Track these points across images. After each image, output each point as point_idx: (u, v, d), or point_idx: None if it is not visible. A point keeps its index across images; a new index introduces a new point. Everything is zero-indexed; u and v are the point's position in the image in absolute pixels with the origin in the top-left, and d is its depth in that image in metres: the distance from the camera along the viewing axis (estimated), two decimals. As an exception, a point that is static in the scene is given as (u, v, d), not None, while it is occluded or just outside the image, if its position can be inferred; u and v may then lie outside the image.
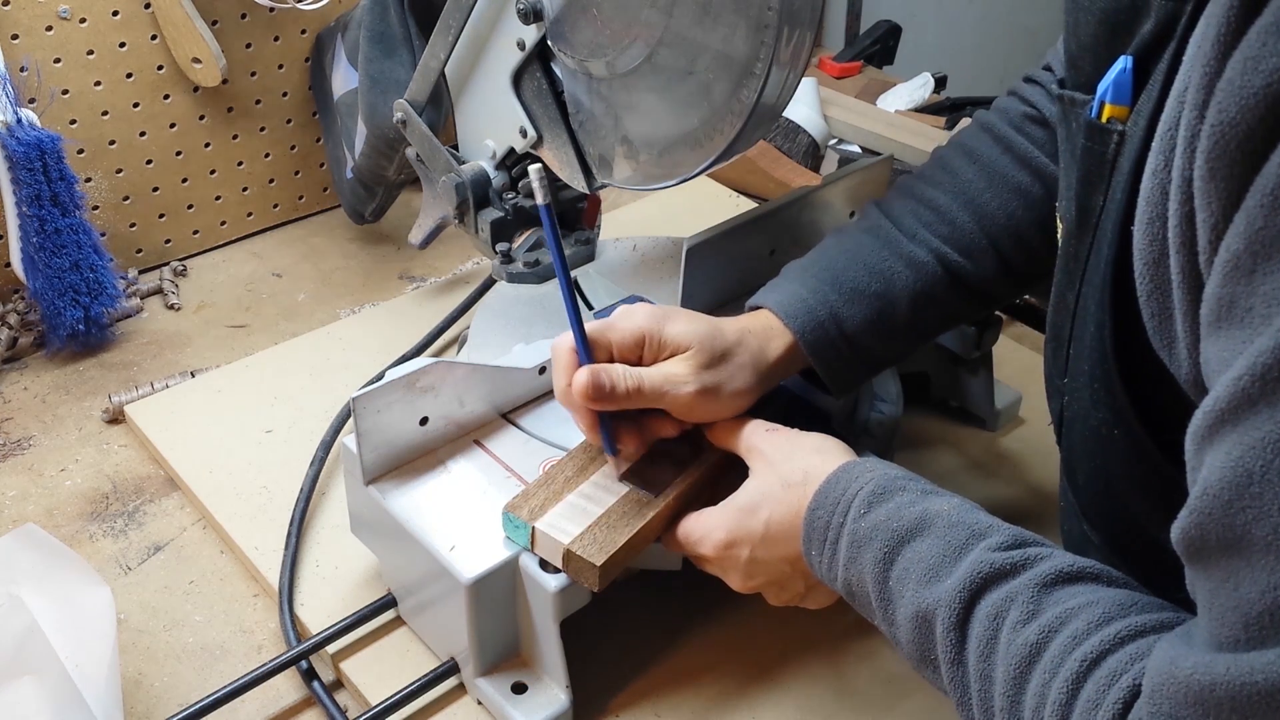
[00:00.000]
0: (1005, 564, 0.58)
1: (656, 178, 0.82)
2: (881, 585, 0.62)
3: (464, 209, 0.94)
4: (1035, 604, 0.55)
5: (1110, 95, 0.61)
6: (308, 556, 0.88)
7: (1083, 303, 0.65)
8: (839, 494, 0.66)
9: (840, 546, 0.65)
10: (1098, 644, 0.52)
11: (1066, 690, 0.51)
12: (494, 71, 0.88)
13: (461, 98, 0.93)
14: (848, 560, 0.65)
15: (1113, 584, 0.57)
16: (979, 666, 0.56)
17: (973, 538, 0.60)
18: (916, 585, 0.60)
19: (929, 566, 0.60)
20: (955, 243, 0.81)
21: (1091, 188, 0.63)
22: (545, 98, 0.86)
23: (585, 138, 0.85)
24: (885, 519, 0.63)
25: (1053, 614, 0.54)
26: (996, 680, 0.55)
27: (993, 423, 1.02)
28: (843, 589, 0.66)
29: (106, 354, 1.12)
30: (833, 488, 0.67)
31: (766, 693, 0.79)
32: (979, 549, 0.59)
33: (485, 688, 0.76)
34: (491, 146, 0.92)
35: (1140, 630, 0.52)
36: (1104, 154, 0.61)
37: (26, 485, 0.97)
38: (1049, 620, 0.54)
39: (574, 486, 0.75)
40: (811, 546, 0.67)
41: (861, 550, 0.64)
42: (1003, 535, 0.60)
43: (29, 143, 1.01)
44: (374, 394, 0.74)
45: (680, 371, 0.73)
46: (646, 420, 0.75)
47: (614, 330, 0.74)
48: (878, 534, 0.63)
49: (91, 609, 0.72)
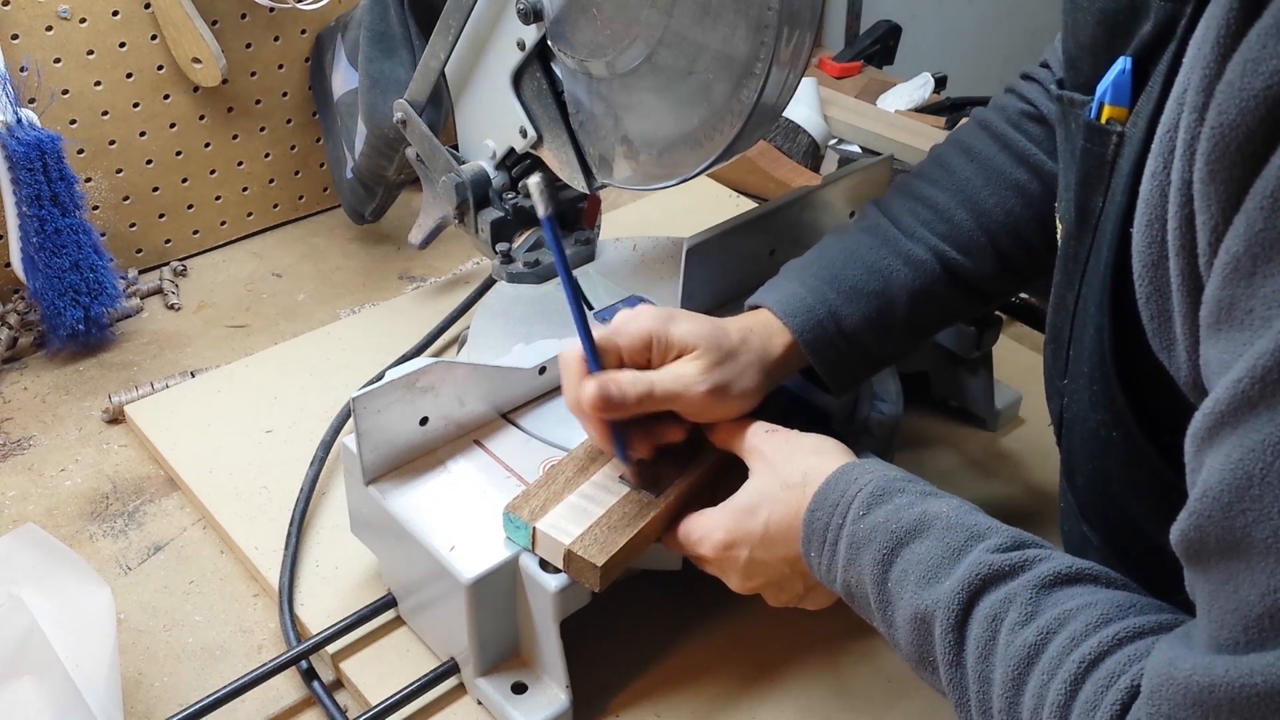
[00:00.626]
0: (1004, 565, 0.58)
1: (656, 178, 0.82)
2: (880, 587, 0.62)
3: (464, 209, 0.94)
4: (1034, 605, 0.55)
5: (1109, 96, 0.61)
6: (308, 556, 0.88)
7: (1082, 304, 0.65)
8: (838, 495, 0.66)
9: (839, 548, 0.65)
10: (1096, 645, 0.52)
11: (1065, 691, 0.51)
12: (494, 71, 0.88)
13: (461, 98, 0.93)
14: (847, 561, 0.65)
15: (1111, 585, 0.57)
16: (977, 668, 0.56)
17: (971, 539, 0.60)
18: (915, 587, 0.60)
19: (928, 568, 0.60)
20: (954, 240, 0.81)
21: (1091, 189, 0.63)
22: (545, 98, 0.86)
23: (585, 138, 0.85)
24: (884, 520, 0.63)
25: (1051, 615, 0.54)
26: (995, 681, 0.55)
27: (993, 423, 1.02)
28: (842, 590, 0.66)
29: (106, 354, 1.12)
30: (832, 489, 0.67)
31: (766, 693, 0.79)
32: (978, 550, 0.59)
33: (485, 688, 0.76)
34: (491, 146, 0.92)
35: (1139, 631, 0.52)
36: (1103, 155, 0.61)
37: (26, 485, 0.97)
38: (1047, 621, 0.54)
39: (574, 487, 0.75)
40: (811, 548, 0.67)
41: (860, 551, 0.64)
42: (1001, 537, 0.60)
43: (29, 143, 1.01)
44: (374, 394, 0.74)
45: (690, 372, 0.73)
46: (656, 425, 0.75)
47: (621, 335, 0.74)
48: (876, 535, 0.63)
49: (91, 609, 0.72)
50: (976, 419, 1.03)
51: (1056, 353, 0.70)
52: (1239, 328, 0.43)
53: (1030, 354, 1.12)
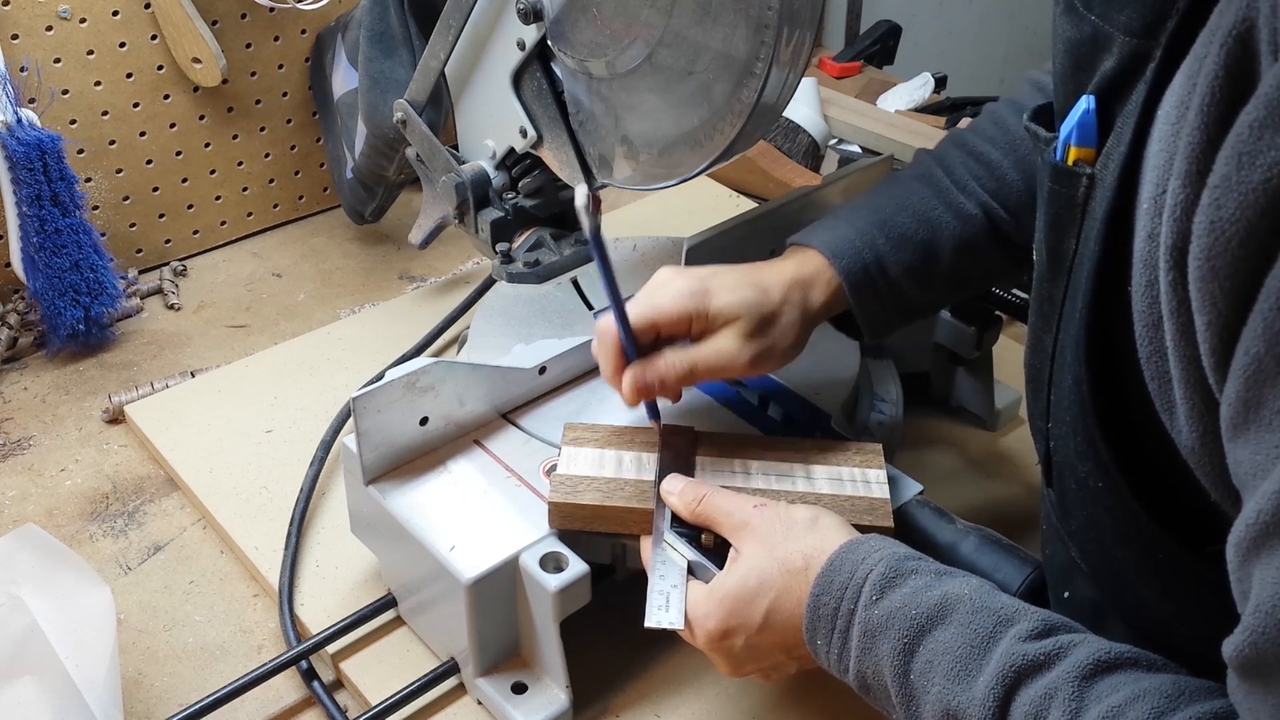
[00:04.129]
0: (1039, 656, 0.54)
1: (657, 178, 0.82)
2: (903, 679, 0.59)
3: (464, 209, 0.94)
4: (1078, 701, 0.52)
5: (1075, 138, 0.58)
6: (308, 556, 0.88)
7: (1060, 350, 0.62)
8: (846, 578, 0.62)
9: (851, 635, 0.61)
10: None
11: None
12: (494, 71, 0.88)
13: (461, 98, 0.93)
14: (861, 651, 0.61)
15: (1153, 669, 0.54)
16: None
17: (1000, 625, 0.57)
18: (944, 680, 0.57)
19: (956, 659, 0.57)
20: (1003, 199, 0.80)
21: (1062, 232, 0.60)
22: (545, 98, 0.86)
23: (585, 138, 0.85)
24: (901, 606, 0.59)
25: (1098, 711, 0.51)
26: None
27: (993, 423, 1.02)
28: (855, 681, 0.62)
29: (106, 354, 1.12)
30: (838, 572, 0.63)
31: (766, 693, 0.79)
32: (1008, 639, 0.56)
33: (485, 688, 0.76)
34: (491, 146, 0.92)
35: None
36: (1073, 199, 0.59)
37: (26, 485, 0.97)
38: (1095, 718, 0.51)
39: (627, 447, 0.77)
40: (817, 635, 0.63)
41: (877, 640, 0.60)
42: (1032, 622, 0.57)
43: (29, 143, 1.01)
44: (374, 394, 0.74)
45: (731, 346, 0.73)
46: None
47: (659, 313, 0.74)
48: (894, 623, 0.59)
49: (91, 609, 0.72)
50: (976, 419, 1.03)
51: (1037, 394, 0.67)
52: (1269, 429, 0.42)
53: (1030, 354, 1.12)
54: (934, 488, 0.77)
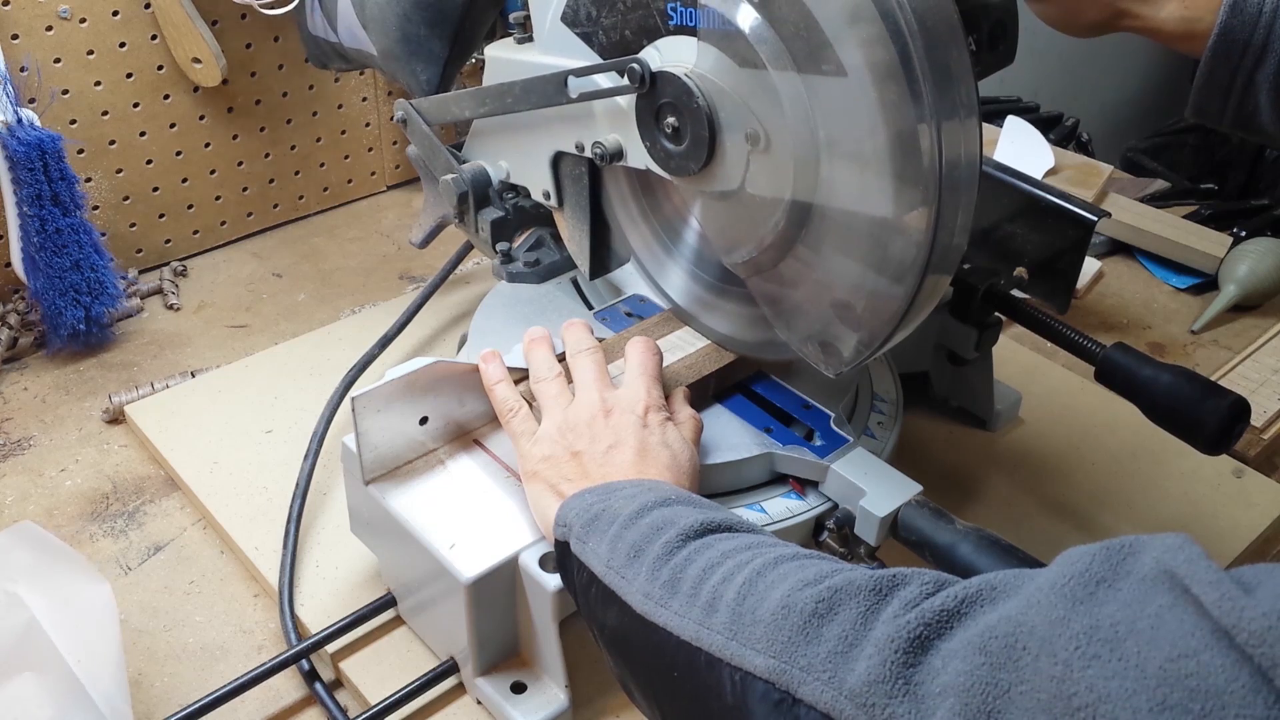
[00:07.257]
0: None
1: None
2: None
3: (464, 208, 0.94)
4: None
5: None
6: (307, 556, 0.88)
7: None
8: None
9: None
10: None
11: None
12: (536, 139, 0.85)
13: (485, 126, 0.91)
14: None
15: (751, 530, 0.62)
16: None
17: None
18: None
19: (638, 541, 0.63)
20: None
21: None
22: (580, 186, 0.84)
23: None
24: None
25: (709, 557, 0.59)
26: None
27: (993, 423, 1.02)
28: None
29: (106, 354, 1.12)
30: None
31: (766, 692, 0.79)
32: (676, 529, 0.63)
33: (485, 687, 0.76)
34: (505, 168, 0.91)
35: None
36: None
37: (26, 485, 0.97)
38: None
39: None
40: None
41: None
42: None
43: (29, 143, 1.01)
44: (374, 394, 0.74)
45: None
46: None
47: None
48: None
49: (92, 604, 0.72)
50: (976, 419, 1.03)
51: None
52: None
53: (1030, 354, 1.12)
54: (934, 488, 0.77)
